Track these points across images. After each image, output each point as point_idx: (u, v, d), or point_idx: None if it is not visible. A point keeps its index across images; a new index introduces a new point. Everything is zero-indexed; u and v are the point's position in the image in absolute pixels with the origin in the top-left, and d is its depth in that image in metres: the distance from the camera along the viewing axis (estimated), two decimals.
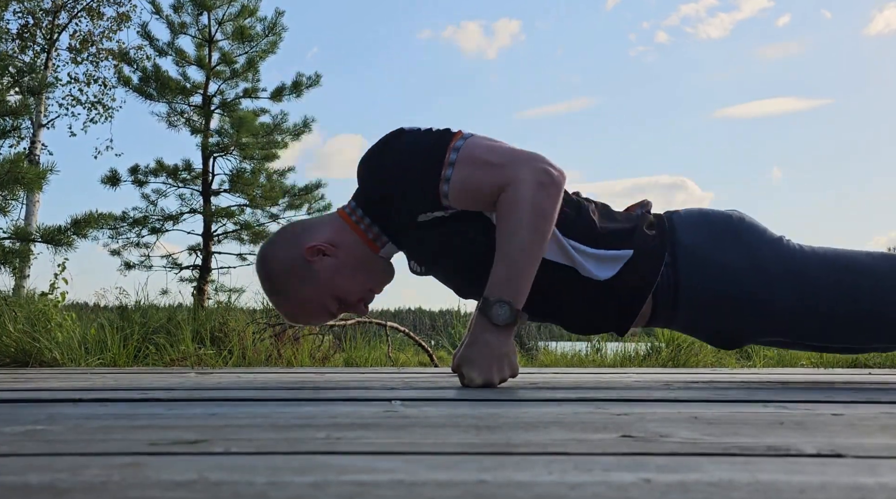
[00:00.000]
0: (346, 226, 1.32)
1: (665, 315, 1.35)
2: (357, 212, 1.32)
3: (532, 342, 4.90)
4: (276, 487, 0.40)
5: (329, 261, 1.29)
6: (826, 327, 1.32)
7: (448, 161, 1.21)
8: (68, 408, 0.85)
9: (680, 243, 1.31)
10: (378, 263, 1.35)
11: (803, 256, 1.31)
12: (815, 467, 0.47)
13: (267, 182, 6.57)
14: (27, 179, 3.72)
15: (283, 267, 1.31)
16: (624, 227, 1.32)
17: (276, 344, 3.24)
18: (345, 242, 1.31)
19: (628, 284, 1.29)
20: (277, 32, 6.48)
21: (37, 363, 2.69)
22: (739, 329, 1.36)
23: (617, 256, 1.28)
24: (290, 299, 1.34)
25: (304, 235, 1.32)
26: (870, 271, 1.30)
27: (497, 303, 1.14)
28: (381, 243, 1.33)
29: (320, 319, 1.38)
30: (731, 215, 1.36)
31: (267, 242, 1.38)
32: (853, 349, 1.49)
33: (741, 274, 1.29)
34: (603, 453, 0.52)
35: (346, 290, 1.32)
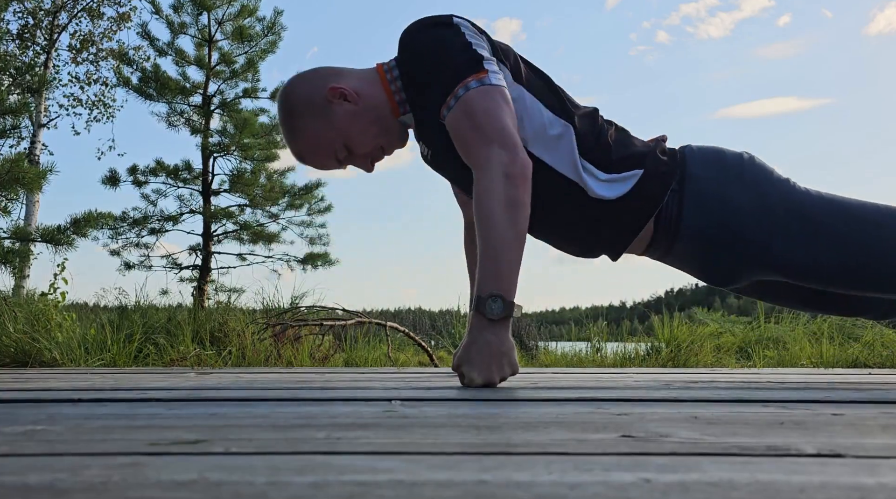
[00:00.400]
0: (378, 81, 1.35)
1: (663, 244, 1.37)
2: (393, 72, 1.35)
3: (532, 342, 4.90)
4: (276, 487, 0.40)
5: (348, 107, 1.32)
6: (824, 271, 1.32)
7: (456, 93, 1.24)
8: (68, 408, 0.85)
9: (689, 173, 1.34)
10: (395, 126, 1.37)
11: (809, 199, 1.32)
12: (815, 467, 0.47)
13: (267, 182, 6.57)
14: (27, 179, 3.72)
15: (302, 100, 1.34)
16: (638, 151, 1.35)
17: (276, 344, 3.24)
18: (370, 95, 1.34)
19: (633, 203, 1.32)
20: (277, 32, 6.49)
21: (37, 363, 2.69)
22: (736, 265, 1.37)
23: (627, 176, 1.32)
24: (301, 135, 1.36)
25: (333, 77, 1.35)
26: (875, 219, 1.30)
27: (489, 298, 1.15)
28: (403, 110, 1.36)
29: (326, 164, 1.40)
30: (742, 155, 1.38)
31: (294, 77, 1.40)
32: (849, 298, 1.47)
33: (744, 210, 1.31)
34: (603, 453, 0.52)
35: (358, 140, 1.34)
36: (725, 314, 6.09)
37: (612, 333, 4.39)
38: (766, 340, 3.93)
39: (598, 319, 4.37)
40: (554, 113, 1.33)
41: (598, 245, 1.40)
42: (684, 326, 3.71)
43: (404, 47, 1.33)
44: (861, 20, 73.72)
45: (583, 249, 1.43)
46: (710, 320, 5.08)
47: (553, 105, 1.34)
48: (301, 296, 3.89)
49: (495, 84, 1.25)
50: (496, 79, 1.25)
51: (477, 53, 1.27)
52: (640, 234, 1.35)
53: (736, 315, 6.04)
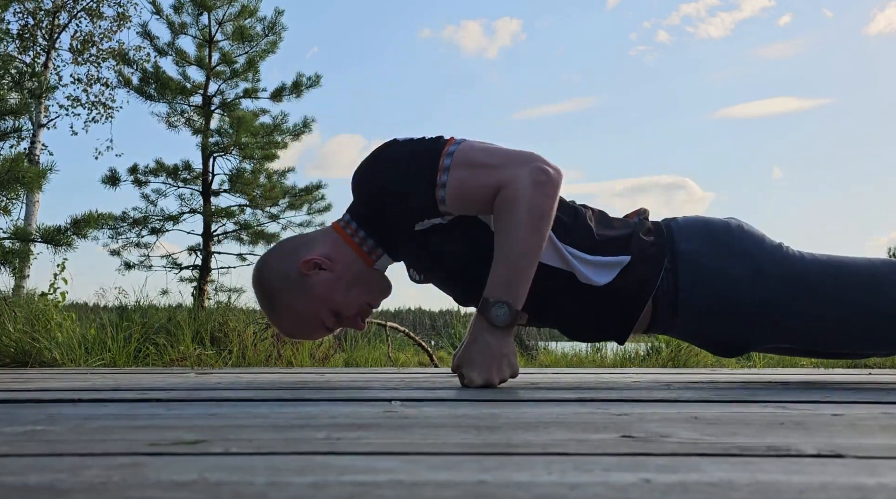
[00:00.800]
0: (339, 240, 1.31)
1: (664, 322, 1.35)
2: (351, 225, 1.32)
3: (532, 342, 4.90)
4: (276, 487, 0.40)
5: (325, 275, 1.28)
6: (827, 334, 1.32)
7: (443, 166, 1.21)
8: (68, 408, 0.85)
9: (679, 250, 1.31)
10: (374, 277, 1.34)
11: (803, 263, 1.31)
12: (815, 467, 0.47)
13: (267, 182, 6.57)
14: (27, 178, 3.72)
15: (279, 281, 1.30)
16: (621, 233, 1.32)
17: (276, 344, 3.24)
18: (340, 256, 1.30)
19: (627, 289, 1.28)
20: (277, 32, 6.49)
21: (37, 363, 2.69)
22: (739, 336, 1.36)
23: (614, 262, 1.28)
24: (286, 314, 1.32)
25: (301, 249, 1.31)
26: (870, 277, 1.30)
27: (496, 304, 1.14)
28: (375, 257, 1.32)
29: (317, 334, 1.36)
30: (729, 223, 1.36)
31: (263, 257, 1.37)
32: (855, 354, 1.48)
33: (741, 280, 1.29)
34: (603, 453, 0.52)
35: (343, 304, 1.30)
36: None
37: None
38: None
39: None
40: None
41: (602, 329, 1.37)
42: None
43: (360, 188, 1.31)
44: (861, 20, 73.96)
45: (585, 334, 1.40)
46: None
47: None
48: None
49: (472, 139, 1.24)
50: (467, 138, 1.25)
51: (433, 136, 1.26)
52: (640, 316, 1.32)
53: None
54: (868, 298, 1.29)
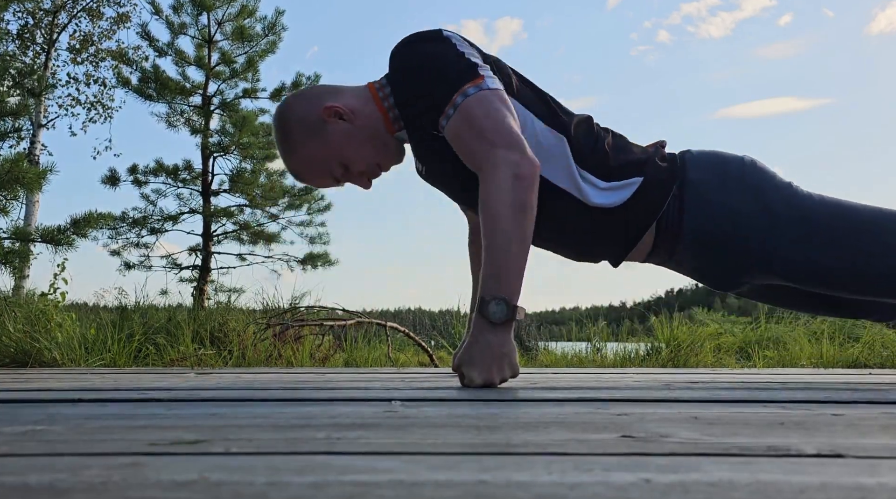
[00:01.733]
0: (371, 99, 1.35)
1: (665, 249, 1.36)
2: (385, 89, 1.35)
3: (532, 342, 4.90)
4: (276, 487, 0.40)
5: (344, 125, 1.32)
6: (826, 274, 1.32)
7: (454, 101, 1.23)
8: (68, 408, 0.85)
9: (689, 178, 1.33)
10: (390, 142, 1.37)
11: (811, 203, 1.32)
12: (816, 467, 0.47)
13: (266, 182, 6.57)
14: (27, 179, 3.72)
15: (297, 119, 1.34)
16: (637, 158, 1.35)
17: (276, 344, 3.23)
18: (365, 113, 1.34)
19: (633, 210, 1.31)
20: (277, 32, 6.49)
21: (37, 363, 2.69)
22: (737, 269, 1.36)
23: (626, 183, 1.32)
24: (297, 153, 1.36)
25: (328, 95, 1.35)
26: (877, 223, 1.30)
27: (493, 301, 1.15)
28: (398, 126, 1.35)
29: (323, 182, 1.40)
30: (743, 158, 1.37)
31: (290, 96, 1.40)
32: (853, 304, 1.47)
33: (746, 215, 1.31)
34: (603, 453, 0.52)
35: (354, 157, 1.35)
36: (725, 314, 6.09)
37: (612, 334, 4.39)
38: (766, 340, 3.93)
39: (598, 319, 4.37)
40: (546, 124, 1.32)
41: (598, 251, 1.40)
42: (684, 326, 3.71)
43: (395, 64, 1.33)
44: (862, 20, 73.93)
45: (582, 254, 1.42)
46: (710, 321, 5.08)
47: (545, 116, 1.33)
48: (301, 296, 3.89)
49: (493, 88, 1.24)
50: (493, 83, 1.25)
51: (470, 61, 1.26)
52: (641, 240, 1.35)
53: (736, 315, 6.05)
54: (871, 240, 1.29)
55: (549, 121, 1.33)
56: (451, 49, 1.28)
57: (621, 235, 1.35)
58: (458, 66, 1.26)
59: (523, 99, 1.33)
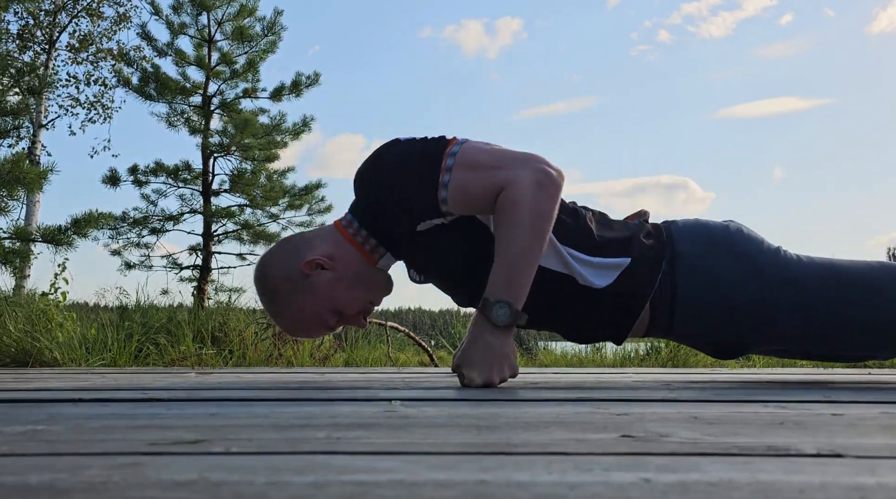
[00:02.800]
0: (343, 239, 1.31)
1: (663, 324, 1.35)
2: (354, 224, 1.32)
3: (532, 342, 4.90)
4: (276, 487, 0.40)
5: (327, 274, 1.28)
6: (824, 336, 1.32)
7: (445, 167, 1.21)
8: (68, 408, 0.85)
9: (677, 252, 1.31)
10: (376, 276, 1.34)
11: (801, 266, 1.31)
12: (815, 467, 0.47)
13: (267, 182, 6.57)
14: (28, 179, 3.72)
15: (281, 281, 1.30)
16: (622, 235, 1.32)
17: (276, 344, 3.24)
18: (342, 255, 1.30)
19: (625, 292, 1.29)
20: (277, 32, 6.49)
21: (37, 363, 2.69)
22: (737, 338, 1.36)
23: (614, 263, 1.28)
24: (288, 313, 1.32)
25: (303, 248, 1.31)
26: (869, 281, 1.30)
27: (497, 303, 1.14)
28: (378, 255, 1.32)
29: (319, 333, 1.37)
30: (728, 226, 1.36)
31: (265, 257, 1.36)
32: (852, 357, 1.49)
33: (738, 283, 1.29)
34: (603, 453, 0.52)
35: (345, 303, 1.31)
36: None
37: None
38: None
39: None
40: None
41: (600, 331, 1.37)
42: None
43: (362, 188, 1.31)
44: (863, 19, 74.23)
45: (583, 336, 1.40)
46: None
47: None
48: None
49: (474, 139, 1.24)
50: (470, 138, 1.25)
51: (436, 136, 1.26)
52: (638, 318, 1.32)
53: None
54: (864, 301, 1.29)
55: None
56: (412, 140, 1.27)
57: (616, 316, 1.32)
58: (429, 146, 1.25)
59: None
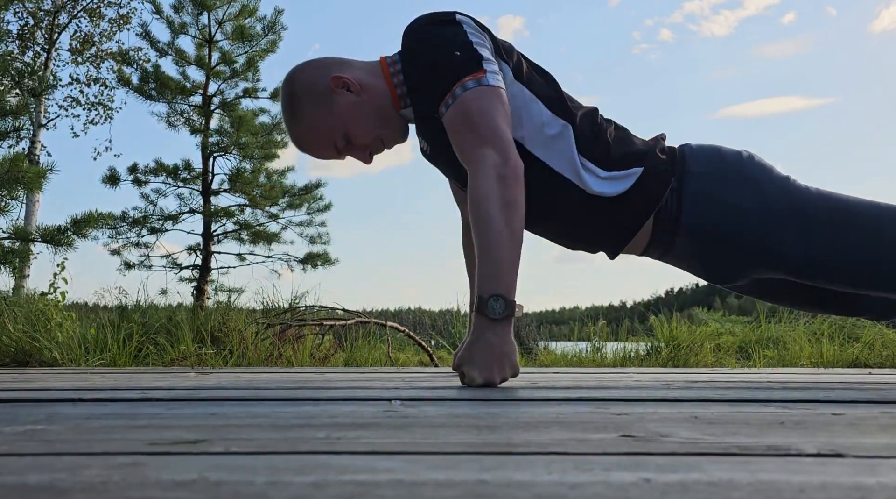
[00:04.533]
0: (381, 73, 1.36)
1: (663, 242, 1.37)
2: (397, 65, 1.35)
3: (532, 342, 4.90)
4: (276, 487, 0.40)
5: (350, 97, 1.33)
6: (824, 268, 1.32)
7: (453, 92, 1.24)
8: (68, 408, 0.85)
9: (688, 171, 1.34)
10: (395, 119, 1.38)
11: (809, 196, 1.32)
12: (816, 466, 0.47)
13: (267, 182, 6.57)
14: (27, 178, 3.71)
15: (304, 87, 1.35)
16: (638, 149, 1.35)
17: (276, 344, 3.23)
18: (373, 87, 1.35)
19: (632, 201, 1.32)
20: (277, 32, 6.48)
21: (37, 363, 2.69)
22: (734, 262, 1.37)
23: (627, 174, 1.32)
24: (301, 121, 1.37)
25: (337, 66, 1.36)
26: (875, 217, 1.30)
27: (490, 298, 1.15)
28: (404, 103, 1.36)
29: (325, 152, 1.40)
30: (741, 153, 1.38)
31: (300, 64, 1.40)
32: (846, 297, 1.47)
33: (744, 207, 1.31)
34: (603, 452, 0.52)
35: (358, 130, 1.35)
36: (725, 314, 6.09)
37: (612, 333, 4.38)
38: (766, 340, 3.93)
39: (598, 318, 4.37)
40: (553, 112, 1.33)
41: (596, 241, 1.40)
42: (684, 326, 3.71)
43: (406, 43, 1.33)
44: (865, 17, 73.92)
45: (581, 244, 1.43)
46: (710, 320, 5.08)
47: (552, 104, 1.34)
48: (301, 296, 3.89)
49: (492, 85, 1.25)
50: (494, 79, 1.25)
51: (477, 52, 1.26)
52: (639, 232, 1.35)
53: (736, 315, 6.04)
54: (868, 236, 1.29)
55: (555, 109, 1.34)
56: (461, 36, 1.28)
57: (619, 226, 1.35)
58: (463, 56, 1.26)
59: (532, 85, 1.34)
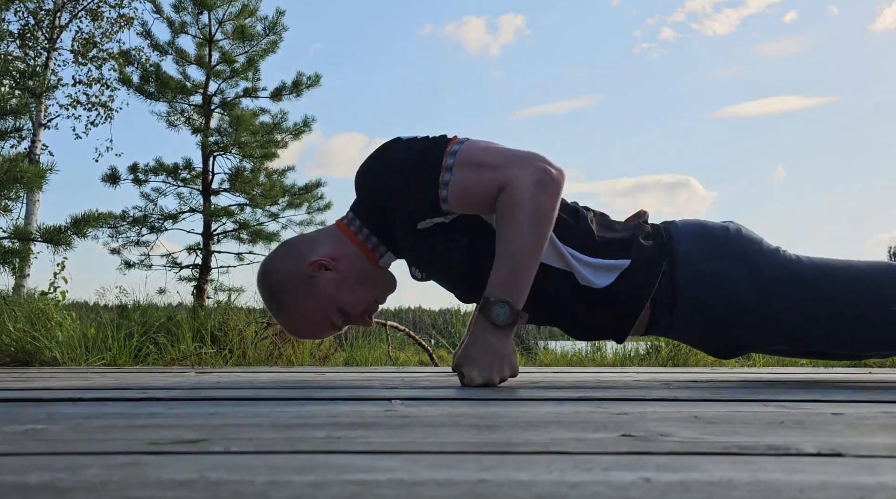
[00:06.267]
0: (345, 238, 1.32)
1: (663, 324, 1.35)
2: (355, 223, 1.32)
3: (532, 342, 4.90)
4: (276, 486, 0.40)
5: (331, 275, 1.29)
6: (822, 333, 1.32)
7: (446, 165, 1.21)
8: (68, 407, 0.85)
9: (677, 253, 1.32)
10: (379, 274, 1.35)
11: (800, 266, 1.31)
12: (815, 466, 0.47)
13: (266, 181, 6.57)
14: (27, 178, 3.71)
15: (285, 283, 1.31)
16: (622, 236, 1.33)
17: (276, 343, 3.23)
18: (345, 255, 1.31)
19: (626, 292, 1.29)
20: (278, 32, 6.48)
21: (37, 363, 2.69)
22: (736, 337, 1.36)
23: (614, 265, 1.29)
24: (293, 315, 1.33)
25: (305, 249, 1.32)
26: (869, 279, 1.30)
27: (497, 303, 1.15)
28: (379, 254, 1.33)
29: (325, 333, 1.37)
30: (727, 227, 1.36)
31: (268, 259, 1.37)
32: (852, 356, 1.49)
33: (738, 283, 1.30)
34: (603, 452, 0.52)
35: (350, 302, 1.31)
36: None
37: None
38: None
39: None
40: None
41: (600, 331, 1.37)
42: None
43: (364, 186, 1.31)
44: (867, 16, 74.02)
45: (584, 333, 1.40)
46: None
47: None
48: None
49: (475, 138, 1.24)
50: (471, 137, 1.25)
51: (437, 135, 1.26)
52: (638, 318, 1.32)
53: None
54: (863, 297, 1.29)
55: None
56: (413, 139, 1.27)
57: (616, 316, 1.32)
58: (429, 143, 1.25)
59: None
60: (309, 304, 1.30)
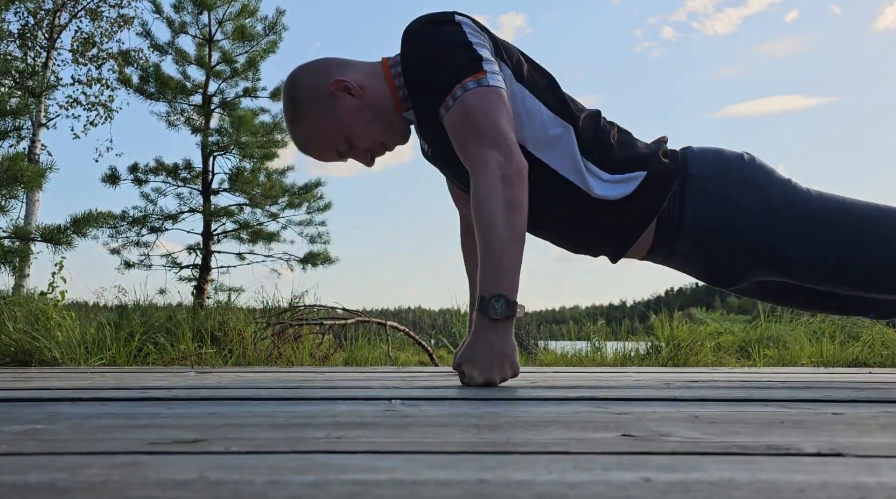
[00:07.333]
0: (382, 76, 1.35)
1: (665, 246, 1.37)
2: (398, 67, 1.34)
3: (532, 341, 4.90)
4: (276, 486, 0.40)
5: (351, 100, 1.33)
6: (826, 270, 1.32)
7: (453, 93, 1.24)
8: (68, 407, 0.85)
9: (690, 174, 1.34)
10: (397, 121, 1.37)
11: (810, 199, 1.32)
12: (816, 466, 0.47)
13: (266, 181, 6.57)
14: (27, 177, 3.71)
15: (306, 91, 1.34)
16: (641, 153, 1.36)
17: (276, 343, 3.23)
18: (374, 90, 1.34)
19: (634, 205, 1.32)
20: (278, 32, 6.48)
21: (37, 363, 2.69)
22: (736, 265, 1.37)
23: (630, 177, 1.32)
24: (303, 126, 1.37)
25: (338, 69, 1.35)
26: (876, 219, 1.30)
27: (492, 298, 1.15)
28: (406, 106, 1.35)
29: (326, 156, 1.40)
30: (743, 156, 1.38)
31: (300, 67, 1.40)
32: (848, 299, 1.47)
33: (746, 211, 1.31)
34: (603, 452, 0.52)
35: (360, 134, 1.35)
36: (725, 313, 6.09)
37: (612, 333, 4.38)
38: (766, 339, 3.93)
39: (598, 318, 4.37)
40: (554, 113, 1.33)
41: (599, 245, 1.40)
42: (684, 325, 3.70)
43: (406, 44, 1.33)
44: (869, 15, 73.87)
45: (583, 247, 1.43)
46: (710, 320, 5.08)
47: (554, 105, 1.33)
48: (301, 295, 3.89)
49: (493, 85, 1.24)
50: (494, 80, 1.25)
51: (476, 53, 1.26)
52: (641, 236, 1.35)
53: (736, 314, 6.05)
54: (869, 238, 1.30)
55: (557, 110, 1.33)
56: (460, 37, 1.27)
57: (622, 230, 1.35)
58: (463, 56, 1.25)
59: (532, 86, 1.34)
60: (321, 121, 1.34)
